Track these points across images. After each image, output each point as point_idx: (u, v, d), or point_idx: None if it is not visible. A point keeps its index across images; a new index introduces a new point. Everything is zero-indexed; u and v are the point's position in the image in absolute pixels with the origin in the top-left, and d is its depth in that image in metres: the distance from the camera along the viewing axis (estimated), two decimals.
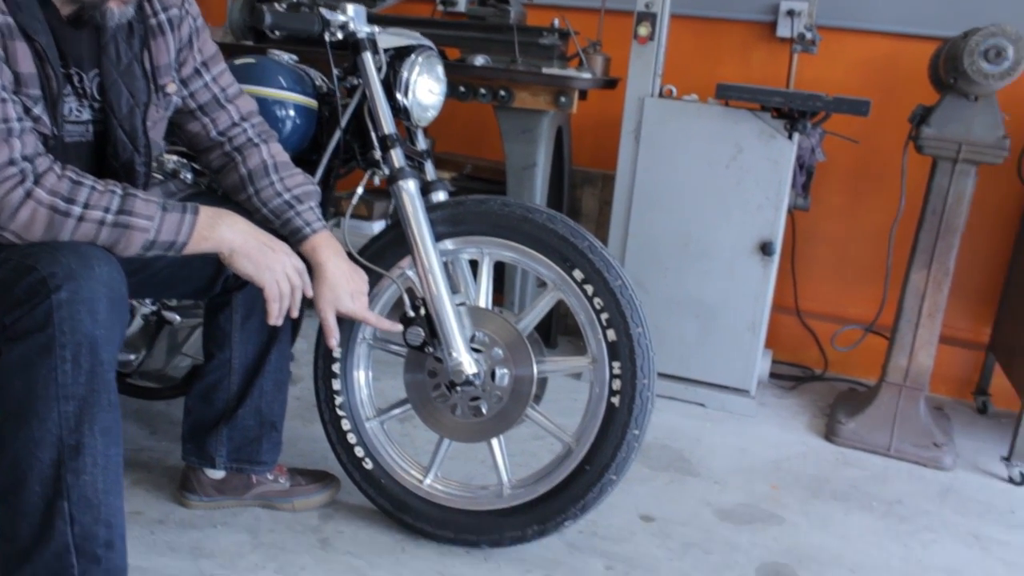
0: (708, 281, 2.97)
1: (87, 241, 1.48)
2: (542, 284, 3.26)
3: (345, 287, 1.82)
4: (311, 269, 1.80)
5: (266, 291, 1.65)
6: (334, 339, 1.85)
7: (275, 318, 1.67)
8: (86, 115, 1.61)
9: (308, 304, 1.85)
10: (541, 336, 2.05)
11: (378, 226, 3.28)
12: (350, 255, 1.90)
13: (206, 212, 1.59)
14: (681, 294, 3.01)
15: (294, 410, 2.66)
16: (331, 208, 2.81)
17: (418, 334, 1.93)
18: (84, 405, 1.44)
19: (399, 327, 1.94)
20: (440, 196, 2.06)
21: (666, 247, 2.99)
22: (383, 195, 3.31)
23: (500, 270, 3.17)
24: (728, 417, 3.00)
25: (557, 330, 3.48)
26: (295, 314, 1.72)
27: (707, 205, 2.93)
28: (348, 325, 2.06)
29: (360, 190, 2.00)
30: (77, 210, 1.46)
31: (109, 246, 1.50)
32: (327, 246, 1.81)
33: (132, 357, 2.27)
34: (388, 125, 1.95)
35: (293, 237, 1.81)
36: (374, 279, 1.99)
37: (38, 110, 1.48)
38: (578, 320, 1.93)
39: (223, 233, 1.60)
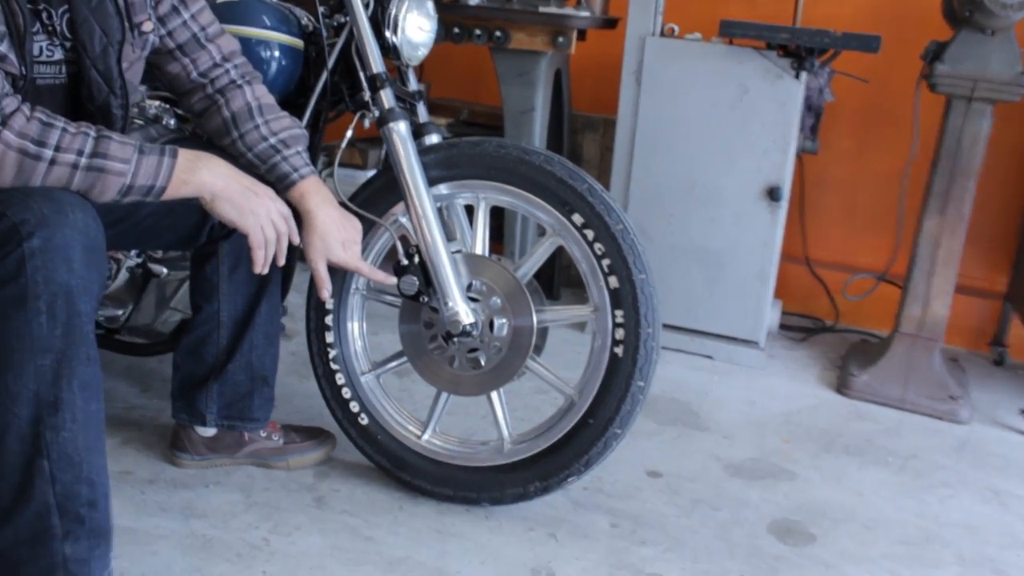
0: (714, 228, 2.93)
1: (60, 186, 1.43)
2: (542, 232, 3.23)
3: (336, 236, 1.78)
4: (300, 217, 1.77)
5: (250, 237, 1.61)
6: (326, 290, 1.82)
7: (260, 266, 1.64)
8: (58, 55, 1.55)
9: (300, 256, 1.82)
10: (543, 288, 2.03)
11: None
12: (340, 203, 1.86)
13: (185, 155, 1.54)
14: (686, 242, 2.97)
15: (289, 366, 2.64)
16: (321, 156, 2.77)
17: (412, 283, 1.90)
18: (62, 359, 1.40)
19: (393, 280, 1.90)
20: (433, 139, 2.03)
21: (670, 193, 2.95)
22: (378, 143, 3.26)
23: (500, 218, 3.14)
24: (737, 370, 2.97)
25: (560, 281, 3.46)
26: (281, 261, 1.68)
27: (712, 149, 2.88)
28: (340, 276, 2.03)
29: (349, 133, 1.95)
30: (48, 153, 1.41)
31: (84, 191, 1.45)
32: (316, 192, 1.77)
33: (119, 312, 2.24)
34: (377, 64, 1.91)
35: (280, 183, 1.77)
36: (366, 227, 1.94)
37: (4, 48, 1.43)
38: (579, 268, 1.89)
39: (203, 177, 1.55)
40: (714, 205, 2.92)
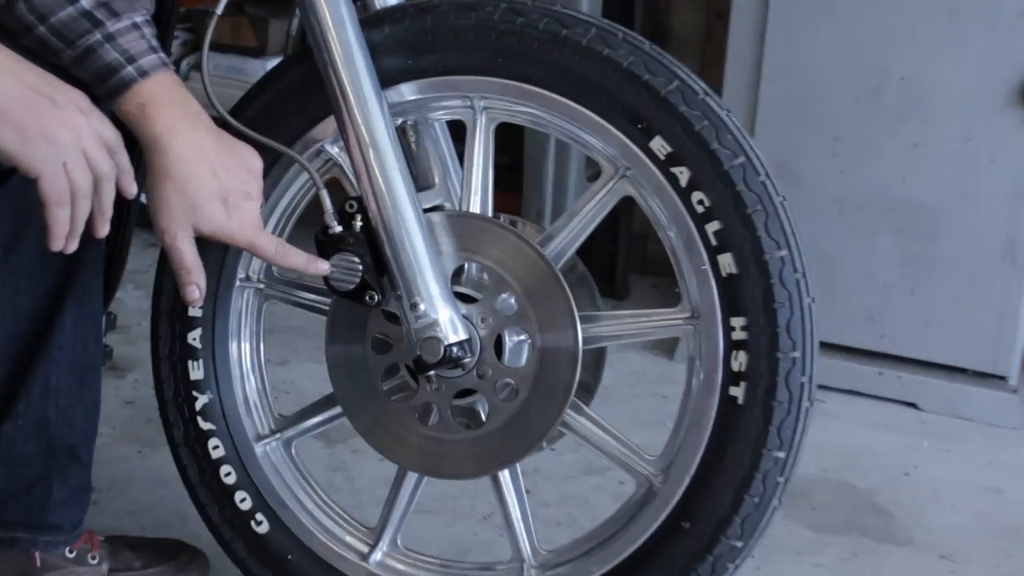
0: (920, 164, 2.95)
1: None
2: (593, 174, 3.23)
3: (210, 185, 1.79)
4: (138, 147, 1.79)
5: (42, 185, 1.62)
6: (194, 285, 1.83)
7: (60, 238, 1.65)
8: None
9: (144, 221, 1.83)
10: (597, 278, 2.04)
11: None
12: (218, 119, 1.88)
13: None
14: (866, 189, 2.99)
15: (122, 426, 2.66)
16: (179, 33, 2.78)
17: (351, 269, 1.91)
18: None
19: (322, 266, 1.91)
20: None
21: (835, 99, 2.97)
22: (284, 7, 3.29)
23: (515, 148, 3.16)
24: (965, 429, 3.00)
25: (626, 265, 3.47)
26: (101, 231, 1.69)
27: (916, 16, 2.90)
28: (218, 256, 2.05)
29: None
30: None
31: None
32: (171, 103, 1.78)
33: None
34: None
35: (102, 85, 1.78)
36: (267, 163, 1.96)
37: None
38: (662, 238, 1.91)
39: None
40: (920, 120, 2.93)
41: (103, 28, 1.76)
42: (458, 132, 2.03)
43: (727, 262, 1.86)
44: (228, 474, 2.11)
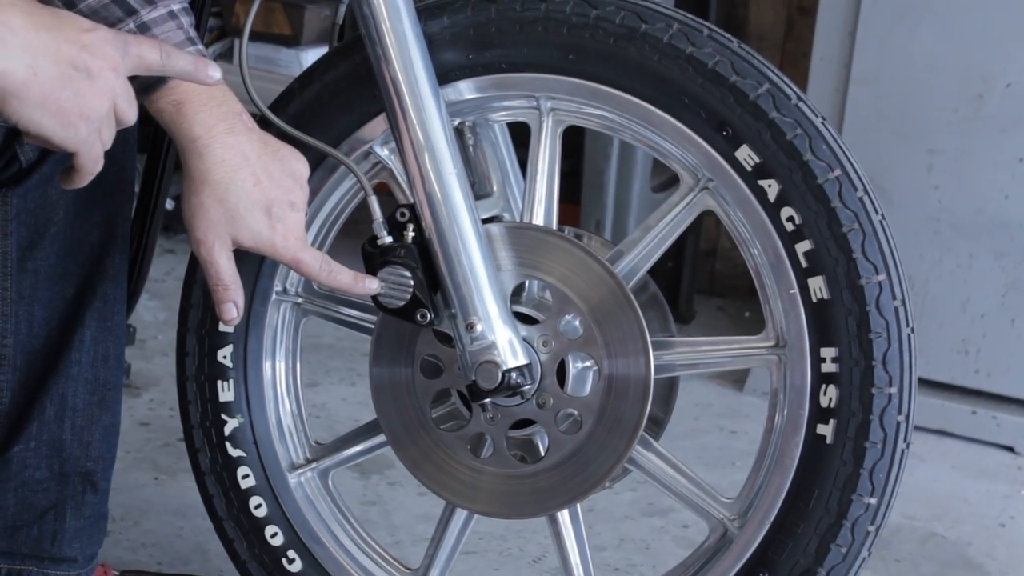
0: None
1: None
2: (664, 183, 3.23)
3: (252, 194, 1.79)
4: (168, 145, 1.78)
5: (78, 160, 1.61)
6: (230, 303, 1.84)
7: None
8: None
9: (173, 222, 1.83)
10: (667, 296, 2.03)
11: (315, 57, 3.27)
12: (259, 118, 1.88)
13: None
14: (964, 207, 2.98)
15: (138, 450, 2.66)
16: (210, 19, 2.79)
17: (402, 283, 1.91)
18: None
19: (371, 284, 1.92)
20: None
21: (933, 106, 2.96)
22: None
23: (576, 154, 3.16)
24: None
25: (693, 285, 3.46)
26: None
27: None
28: (253, 267, 2.05)
29: None
30: None
31: None
32: (211, 101, 1.79)
33: None
34: None
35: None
36: (311, 165, 1.96)
37: None
38: (746, 257, 1.90)
39: None
40: None
41: (137, 16, 1.77)
42: (518, 136, 2.03)
43: (818, 286, 1.85)
44: (258, 506, 2.11)
